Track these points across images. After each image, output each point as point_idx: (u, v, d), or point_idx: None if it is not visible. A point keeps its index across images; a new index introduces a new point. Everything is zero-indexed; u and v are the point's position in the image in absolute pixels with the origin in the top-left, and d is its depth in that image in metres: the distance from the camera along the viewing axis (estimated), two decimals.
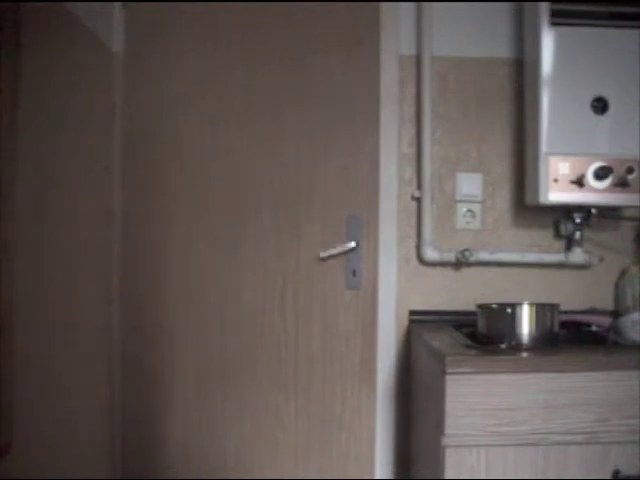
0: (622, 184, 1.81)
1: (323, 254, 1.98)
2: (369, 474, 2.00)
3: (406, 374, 1.99)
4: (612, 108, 1.81)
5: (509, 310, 1.63)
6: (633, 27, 1.81)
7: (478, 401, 1.42)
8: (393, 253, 2.01)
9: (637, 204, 1.84)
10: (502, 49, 2.03)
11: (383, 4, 2.01)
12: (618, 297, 2.01)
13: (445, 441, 1.42)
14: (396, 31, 2.02)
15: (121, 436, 2.00)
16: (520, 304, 1.64)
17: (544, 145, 1.82)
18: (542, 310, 1.65)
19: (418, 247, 2.02)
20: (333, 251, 1.98)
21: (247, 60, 2.02)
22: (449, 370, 1.42)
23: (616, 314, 1.90)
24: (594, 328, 1.83)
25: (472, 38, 2.03)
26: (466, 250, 1.97)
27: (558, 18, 1.81)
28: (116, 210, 1.99)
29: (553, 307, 1.67)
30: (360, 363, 2.01)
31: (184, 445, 2.00)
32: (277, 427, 2.00)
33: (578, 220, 1.95)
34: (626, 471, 1.43)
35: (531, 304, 1.65)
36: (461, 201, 2.03)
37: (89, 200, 1.79)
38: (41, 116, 1.45)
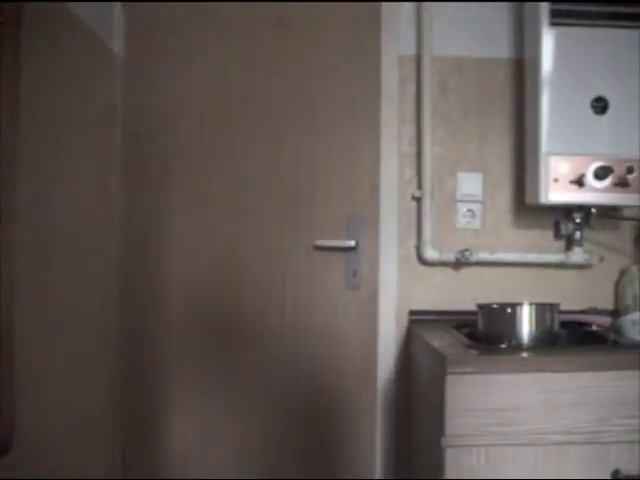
0: (622, 184, 1.81)
1: (319, 242, 1.98)
2: (369, 474, 2.00)
3: (406, 374, 1.99)
4: (612, 108, 1.81)
5: (509, 310, 1.64)
6: (633, 27, 1.81)
7: (478, 401, 1.42)
8: (393, 253, 2.01)
9: (637, 204, 1.84)
10: (502, 49, 2.03)
11: (383, 4, 2.01)
12: (618, 297, 2.01)
13: (445, 441, 1.42)
14: (396, 31, 2.02)
15: (121, 436, 2.00)
16: (520, 304, 1.65)
17: (544, 145, 1.82)
18: (542, 310, 1.66)
19: (418, 247, 2.02)
20: (330, 243, 1.98)
21: (247, 60, 2.02)
22: (449, 370, 1.42)
23: (616, 314, 1.90)
24: (594, 328, 1.83)
25: (472, 38, 2.03)
26: (466, 250, 1.97)
27: (558, 18, 1.81)
28: (116, 210, 1.99)
29: (553, 307, 1.67)
30: (360, 363, 2.01)
31: (184, 445, 2.00)
32: (277, 427, 2.00)
33: (578, 220, 1.95)
34: (626, 471, 1.43)
35: (531, 304, 1.65)
36: (461, 201, 2.03)
37: (89, 200, 1.79)
38: (41, 116, 1.45)
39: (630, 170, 1.80)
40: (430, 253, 1.99)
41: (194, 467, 2.00)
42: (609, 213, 1.97)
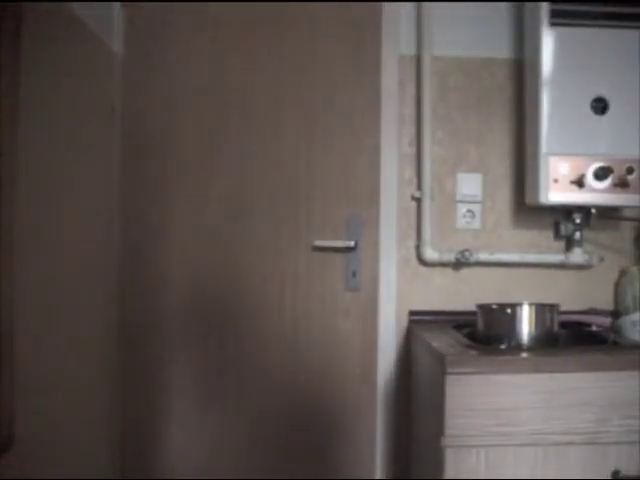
0: (622, 184, 1.81)
1: (319, 243, 1.98)
2: (369, 474, 2.00)
3: (406, 374, 1.99)
4: (612, 108, 1.81)
5: (509, 310, 1.64)
6: (633, 27, 1.81)
7: (478, 401, 1.42)
8: (393, 253, 2.01)
9: (637, 204, 1.84)
10: (502, 49, 2.03)
11: (384, 4, 2.01)
12: (618, 297, 2.01)
13: (445, 441, 1.42)
14: (396, 31, 2.02)
15: (121, 436, 2.00)
16: (520, 304, 1.65)
17: (544, 145, 1.82)
18: (542, 310, 1.66)
19: (418, 247, 2.02)
20: (330, 243, 1.98)
21: (247, 60, 2.02)
22: (449, 370, 1.42)
23: (616, 314, 1.90)
24: (594, 328, 1.83)
25: (472, 38, 2.03)
26: (466, 250, 1.97)
27: (558, 18, 1.81)
28: (116, 209, 1.99)
29: (553, 307, 1.67)
30: (360, 364, 2.01)
31: (184, 445, 2.00)
32: (277, 427, 2.00)
33: (578, 220, 1.95)
34: (626, 471, 1.43)
35: (531, 304, 1.65)
36: (461, 201, 2.03)
37: (89, 199, 1.79)
38: (41, 116, 1.45)
39: (630, 170, 1.80)
40: (430, 253, 1.99)
41: (194, 467, 2.00)
42: (609, 213, 1.97)
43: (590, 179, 1.81)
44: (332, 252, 2.00)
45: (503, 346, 1.61)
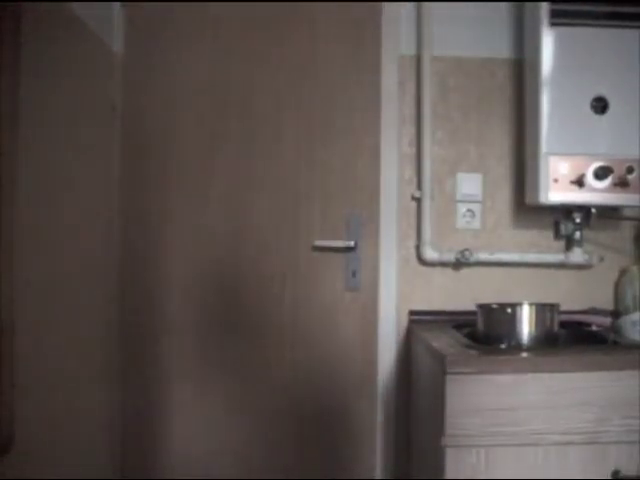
0: (622, 184, 1.81)
1: (319, 243, 1.98)
2: (369, 474, 2.00)
3: (406, 374, 1.99)
4: (612, 108, 1.81)
5: (509, 310, 1.64)
6: (633, 27, 1.81)
7: (478, 401, 1.42)
8: (393, 253, 2.01)
9: (637, 204, 1.84)
10: (502, 49, 2.03)
11: (384, 4, 2.01)
12: (618, 297, 2.01)
13: (445, 441, 1.42)
14: (396, 31, 2.02)
15: (121, 436, 2.00)
16: (520, 304, 1.65)
17: (544, 145, 1.82)
18: (542, 310, 1.66)
19: (418, 247, 2.02)
20: (330, 243, 1.98)
21: (247, 60, 2.02)
22: (449, 370, 1.42)
23: (616, 314, 1.90)
24: (594, 328, 1.83)
25: (472, 38, 2.03)
26: (466, 250, 1.97)
27: (558, 18, 1.81)
28: (116, 209, 1.99)
29: (553, 307, 1.67)
30: (360, 363, 2.01)
31: (184, 445, 2.00)
32: (277, 427, 2.00)
33: (578, 220, 1.95)
34: (626, 471, 1.43)
35: (531, 304, 1.65)
36: (461, 201, 2.03)
37: (89, 199, 1.79)
38: (41, 116, 1.45)
39: (630, 170, 1.80)
40: (430, 253, 1.99)
41: (194, 467, 2.00)
42: (609, 213, 1.97)
43: (590, 179, 1.81)
44: (332, 252, 2.00)
45: (503, 346, 1.61)
